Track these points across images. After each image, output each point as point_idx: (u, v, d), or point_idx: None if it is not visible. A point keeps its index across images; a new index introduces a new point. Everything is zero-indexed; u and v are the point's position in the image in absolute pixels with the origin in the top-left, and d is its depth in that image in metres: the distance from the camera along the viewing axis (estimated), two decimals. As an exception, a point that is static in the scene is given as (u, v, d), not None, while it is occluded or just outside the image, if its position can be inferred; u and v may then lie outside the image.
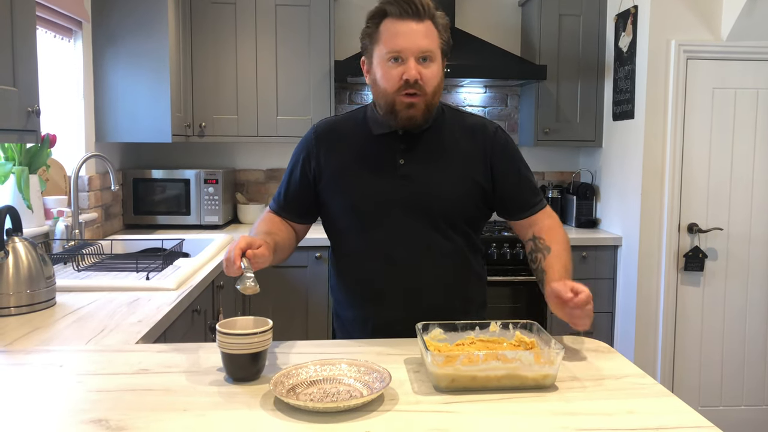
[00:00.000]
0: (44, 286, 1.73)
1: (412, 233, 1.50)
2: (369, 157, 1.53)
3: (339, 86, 3.63)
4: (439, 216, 1.50)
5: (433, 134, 1.53)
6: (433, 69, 1.44)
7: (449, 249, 1.53)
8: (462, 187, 1.51)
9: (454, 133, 1.55)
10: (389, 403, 1.07)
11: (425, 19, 1.42)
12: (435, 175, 1.51)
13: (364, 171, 1.52)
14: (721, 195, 3.02)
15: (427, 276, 1.52)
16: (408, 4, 1.41)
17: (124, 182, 3.30)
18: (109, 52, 2.92)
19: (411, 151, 1.51)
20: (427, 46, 1.42)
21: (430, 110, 1.47)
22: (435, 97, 1.47)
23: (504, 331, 1.28)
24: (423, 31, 1.42)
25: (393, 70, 1.43)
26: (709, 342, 3.07)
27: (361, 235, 1.54)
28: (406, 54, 1.41)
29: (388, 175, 1.51)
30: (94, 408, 1.05)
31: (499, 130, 1.58)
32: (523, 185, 1.57)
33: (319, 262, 3.14)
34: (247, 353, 1.15)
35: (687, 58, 2.96)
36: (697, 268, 3.01)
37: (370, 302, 1.56)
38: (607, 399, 1.10)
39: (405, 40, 1.41)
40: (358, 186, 1.52)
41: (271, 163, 3.74)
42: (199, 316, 2.18)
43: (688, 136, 3.00)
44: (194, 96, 3.30)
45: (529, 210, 1.56)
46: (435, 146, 1.53)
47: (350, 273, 1.60)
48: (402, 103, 1.44)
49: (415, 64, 1.41)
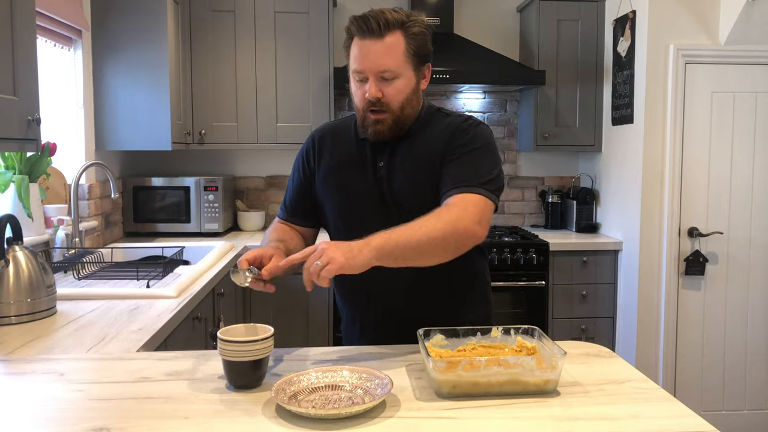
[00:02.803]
0: (45, 295, 1.72)
1: None
2: (354, 159, 1.55)
3: (338, 93, 3.63)
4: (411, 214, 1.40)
5: (414, 137, 1.53)
6: (396, 85, 1.43)
7: None
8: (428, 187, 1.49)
9: (433, 135, 1.53)
10: (391, 409, 1.06)
11: (385, 35, 1.40)
12: (409, 175, 1.51)
13: (348, 173, 1.55)
14: (721, 199, 3.02)
15: (409, 275, 1.43)
16: (365, 22, 1.40)
17: (124, 190, 3.30)
18: (109, 61, 2.93)
19: (390, 154, 1.52)
20: (385, 66, 1.40)
21: (400, 124, 1.47)
22: (404, 110, 1.46)
23: (506, 337, 1.28)
24: (382, 50, 1.40)
25: (359, 90, 1.46)
26: (710, 346, 3.06)
27: (346, 235, 1.53)
28: (367, 74, 1.42)
29: (368, 177, 1.53)
30: (95, 416, 1.04)
31: (467, 122, 1.51)
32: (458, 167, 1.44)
33: (320, 269, 3.13)
34: (248, 360, 1.15)
35: (685, 62, 2.97)
36: (698, 272, 3.01)
37: (357, 302, 1.60)
38: (610, 404, 1.09)
39: (364, 61, 1.42)
40: (342, 187, 1.56)
41: (271, 170, 3.74)
42: (200, 323, 2.18)
43: (688, 140, 3.00)
44: (194, 103, 3.31)
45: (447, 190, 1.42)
46: (413, 148, 1.52)
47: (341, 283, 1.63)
48: (369, 119, 1.46)
49: (375, 84, 1.42)
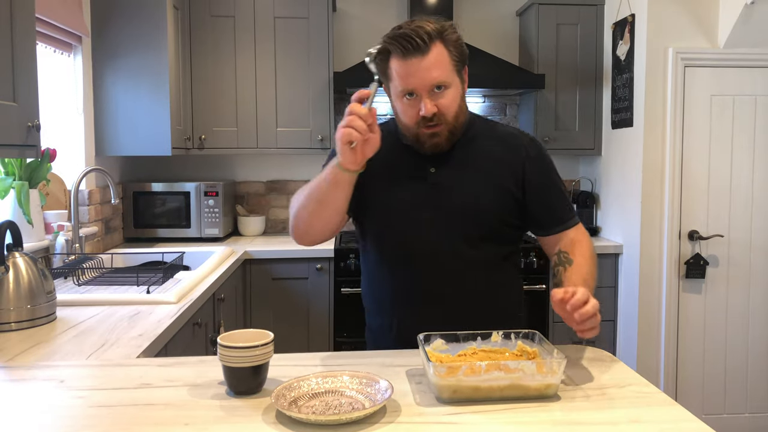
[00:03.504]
0: (45, 301, 1.72)
1: (440, 241, 1.48)
2: (400, 165, 1.51)
3: (338, 97, 3.63)
4: (469, 224, 1.48)
5: (464, 143, 1.51)
6: (449, 95, 1.42)
7: (478, 259, 1.50)
8: (493, 195, 1.49)
9: (486, 142, 1.53)
10: (392, 414, 1.06)
11: (430, 48, 1.38)
12: (466, 183, 1.49)
13: (394, 178, 1.51)
14: (721, 202, 3.02)
15: (453, 285, 1.49)
16: (408, 41, 1.37)
17: (124, 195, 3.30)
18: (109, 67, 2.94)
19: (442, 159, 1.50)
20: (438, 78, 1.39)
21: (455, 132, 1.46)
22: (458, 119, 1.45)
23: (506, 341, 1.28)
24: (431, 64, 1.38)
25: (410, 109, 1.42)
26: (711, 349, 3.05)
27: (388, 241, 1.53)
28: (419, 91, 1.39)
29: (418, 183, 1.50)
30: (94, 424, 1.04)
31: (533, 142, 1.56)
32: (554, 199, 1.53)
33: (320, 274, 3.14)
34: (248, 366, 1.15)
35: (685, 65, 2.97)
36: (699, 275, 3.00)
37: (395, 309, 1.55)
38: (611, 408, 1.09)
39: (414, 79, 1.38)
40: (388, 193, 1.51)
41: (271, 175, 3.75)
42: (200, 329, 2.18)
43: (687, 143, 3.01)
44: (194, 109, 3.31)
45: (558, 226, 1.53)
46: (466, 155, 1.51)
47: (377, 279, 1.59)
48: (425, 135, 1.43)
49: (429, 99, 1.39)
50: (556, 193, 1.54)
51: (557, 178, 1.56)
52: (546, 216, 1.53)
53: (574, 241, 1.49)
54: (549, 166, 1.55)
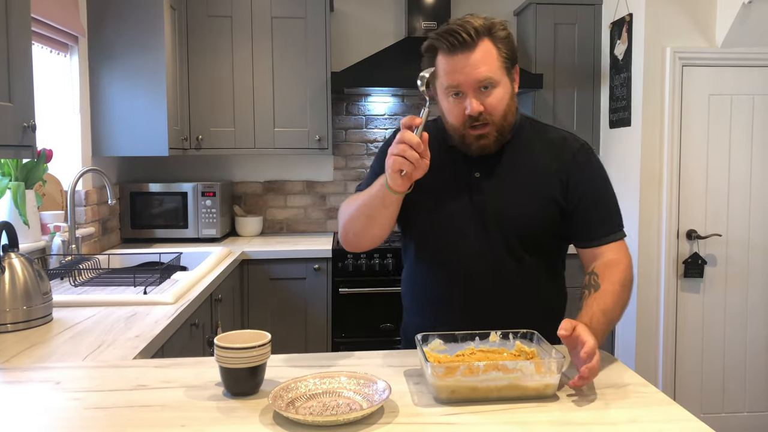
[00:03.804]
0: (41, 302, 1.71)
1: (481, 250, 1.45)
2: (444, 167, 1.47)
3: (336, 97, 3.63)
4: (511, 233, 1.44)
5: (511, 148, 1.46)
6: (497, 94, 1.37)
7: (519, 269, 1.46)
8: (538, 205, 1.44)
9: (535, 147, 1.47)
10: (389, 415, 1.06)
11: (477, 44, 1.33)
12: (510, 192, 1.44)
13: (438, 180, 1.46)
14: (719, 201, 3.02)
15: (492, 294, 1.45)
16: (455, 36, 1.33)
17: (121, 196, 3.29)
18: (106, 67, 2.93)
19: (487, 165, 1.45)
20: (484, 75, 1.34)
21: (503, 133, 1.41)
22: (506, 119, 1.40)
23: (504, 342, 1.27)
24: (478, 60, 1.34)
25: (456, 107, 1.39)
26: (710, 348, 3.05)
27: (429, 244, 1.51)
28: (464, 88, 1.36)
29: (462, 187, 1.46)
30: (90, 426, 1.03)
31: (583, 148, 1.48)
32: (595, 212, 1.45)
33: (318, 274, 3.13)
34: (245, 367, 1.14)
35: (682, 65, 2.97)
36: (697, 275, 3.00)
37: (433, 313, 1.53)
38: (610, 408, 1.09)
39: (460, 75, 1.35)
40: (431, 195, 1.48)
41: (269, 175, 3.74)
42: (198, 329, 2.17)
43: (685, 142, 3.00)
44: (191, 109, 3.30)
45: (594, 241, 1.45)
46: (513, 161, 1.46)
47: (417, 279, 1.57)
48: (471, 136, 1.39)
49: (475, 97, 1.35)
50: (599, 205, 1.46)
51: (604, 189, 1.48)
52: (583, 229, 1.46)
53: (610, 263, 1.40)
54: (596, 176, 1.47)
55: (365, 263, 3.11)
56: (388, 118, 3.77)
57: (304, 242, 3.36)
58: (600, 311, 1.28)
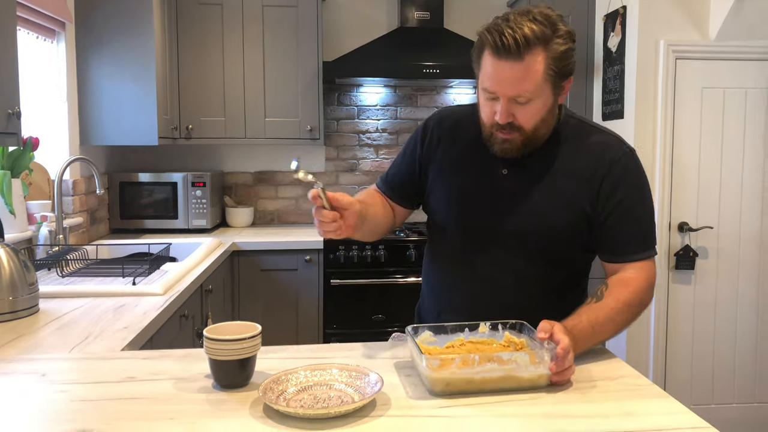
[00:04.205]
0: (27, 293, 1.69)
1: (497, 252, 1.40)
2: (474, 158, 1.42)
3: (327, 87, 3.60)
4: (532, 242, 1.37)
5: (547, 148, 1.37)
6: (531, 108, 1.28)
7: (536, 279, 1.39)
8: (564, 213, 1.35)
9: (572, 151, 1.38)
10: (381, 408, 1.04)
11: (524, 56, 1.23)
12: (537, 196, 1.36)
13: (465, 172, 1.43)
14: (710, 193, 3.02)
15: (504, 301, 1.39)
16: (501, 38, 1.23)
17: (110, 186, 3.25)
18: (93, 54, 2.88)
19: (517, 164, 1.38)
20: (520, 92, 1.26)
21: (530, 144, 1.34)
22: (538, 131, 1.32)
23: (493, 333, 1.26)
24: (518, 75, 1.24)
25: (487, 107, 1.33)
26: (700, 340, 3.07)
27: (449, 236, 1.47)
28: (498, 95, 1.29)
29: (487, 183, 1.40)
30: (77, 418, 1.01)
31: (626, 156, 1.36)
32: (626, 227, 1.35)
33: (309, 266, 3.11)
34: (235, 359, 1.13)
35: (676, 57, 2.97)
36: (688, 267, 3.01)
37: (442, 301, 1.50)
38: (603, 401, 1.08)
39: (496, 84, 1.27)
40: (456, 186, 1.44)
41: (260, 166, 3.71)
42: (187, 321, 2.15)
43: (678, 135, 3.00)
44: (181, 98, 3.27)
45: (619, 257, 1.36)
46: (545, 163, 1.37)
47: (432, 263, 1.54)
48: (497, 138, 1.33)
49: (507, 107, 1.28)
50: (630, 221, 1.35)
51: (640, 204, 1.37)
52: (609, 244, 1.37)
53: (624, 280, 1.33)
54: (632, 188, 1.36)
55: (357, 255, 3.09)
56: (380, 108, 3.74)
57: (296, 233, 3.33)
58: (588, 321, 1.24)
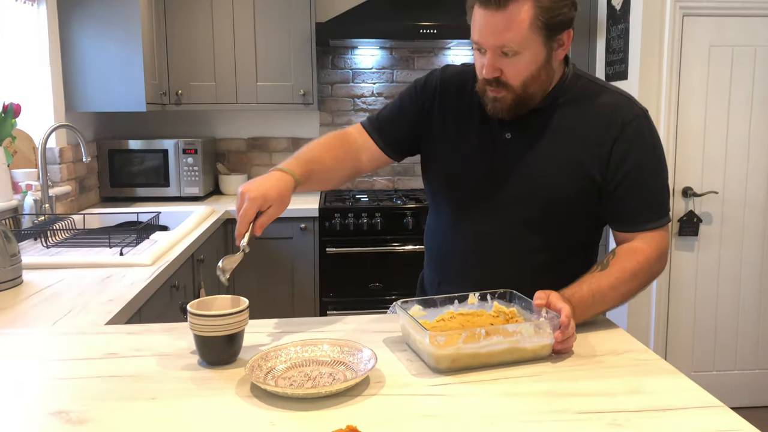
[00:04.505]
0: (8, 264, 1.62)
1: (498, 218, 1.33)
2: (476, 121, 1.35)
3: (321, 50, 3.48)
4: (535, 209, 1.30)
5: (552, 111, 1.30)
6: (519, 62, 1.21)
7: (540, 246, 1.32)
8: (571, 180, 1.28)
9: (581, 112, 1.29)
10: (375, 386, 0.99)
11: (508, 4, 1.16)
12: (542, 161, 1.29)
13: (467, 136, 1.35)
14: (716, 157, 2.93)
15: (505, 272, 1.32)
16: None
17: (99, 153, 3.16)
18: (75, 16, 2.76)
19: (522, 126, 1.30)
20: (504, 41, 1.18)
21: (521, 104, 1.26)
22: (528, 89, 1.24)
23: (482, 303, 1.22)
24: (502, 23, 1.17)
25: (477, 60, 1.26)
26: (702, 307, 3.02)
27: (450, 202, 1.40)
28: (484, 47, 1.22)
29: (488, 147, 1.33)
30: (53, 399, 0.96)
31: (638, 118, 1.27)
32: (638, 195, 1.27)
33: (305, 234, 3.05)
34: (221, 335, 1.07)
35: (683, 14, 2.85)
36: (692, 233, 2.95)
37: (443, 273, 1.44)
38: (608, 377, 1.02)
39: (481, 34, 1.21)
40: (456, 149, 1.37)
41: (253, 132, 3.61)
42: (178, 291, 2.09)
43: (684, 96, 2.90)
44: (169, 62, 3.15)
45: (629, 226, 1.29)
46: (552, 126, 1.29)
47: (432, 230, 1.48)
48: (488, 95, 1.27)
49: (493, 60, 1.22)
50: (642, 189, 1.27)
51: (653, 170, 1.28)
52: (619, 213, 1.30)
53: (633, 249, 1.26)
54: (644, 152, 1.27)
55: (353, 222, 3.03)
56: (376, 72, 3.63)
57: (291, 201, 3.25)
58: (588, 290, 1.19)
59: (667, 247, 1.31)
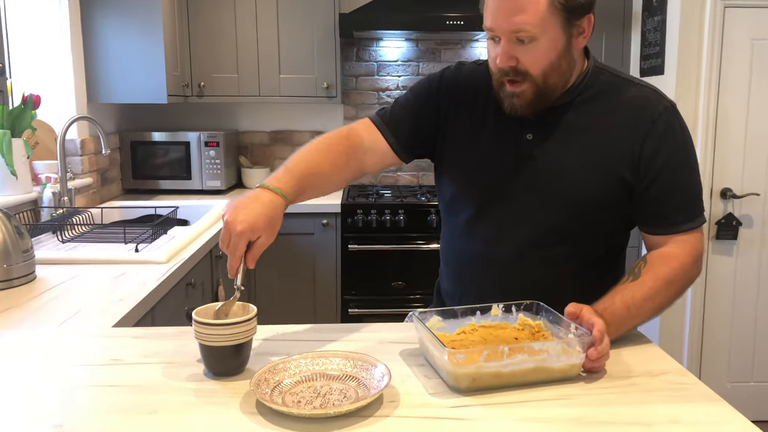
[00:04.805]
0: (21, 260, 1.60)
1: (524, 227, 1.24)
2: (494, 122, 1.26)
3: (345, 42, 3.41)
4: (561, 215, 1.22)
5: (576, 108, 1.21)
6: (537, 48, 1.12)
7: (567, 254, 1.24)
8: (599, 182, 1.20)
9: (606, 108, 1.21)
10: (389, 406, 0.92)
11: None
12: (567, 163, 1.20)
13: (486, 136, 1.27)
14: (758, 157, 2.79)
15: (532, 280, 1.25)
16: None
17: (121, 145, 3.14)
18: (98, 6, 2.73)
19: (543, 126, 1.22)
20: (519, 24, 1.10)
21: (542, 97, 1.18)
22: (548, 79, 1.16)
23: (507, 315, 1.13)
24: (515, 6, 1.09)
25: (492, 50, 1.17)
26: (740, 315, 2.88)
27: (469, 211, 1.30)
28: (498, 34, 1.14)
29: (509, 149, 1.24)
30: (48, 410, 0.91)
31: (667, 112, 1.19)
32: (671, 195, 1.19)
33: (327, 230, 2.99)
34: (228, 345, 1.01)
35: (724, 6, 2.71)
36: (731, 237, 2.81)
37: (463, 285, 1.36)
38: (644, 403, 0.93)
39: (494, 18, 1.13)
40: (474, 151, 1.28)
41: (276, 125, 3.56)
42: (195, 289, 2.05)
43: (724, 92, 2.76)
44: (191, 54, 3.11)
45: (662, 228, 1.20)
46: (575, 125, 1.21)
47: (448, 241, 1.39)
48: (505, 91, 1.18)
49: (508, 47, 1.13)
50: (675, 188, 1.19)
51: (685, 167, 1.20)
52: (652, 215, 1.21)
53: (666, 255, 1.18)
54: (675, 149, 1.19)
55: (376, 219, 2.96)
56: (401, 64, 3.54)
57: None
58: (622, 303, 1.10)
59: (702, 250, 1.21)
